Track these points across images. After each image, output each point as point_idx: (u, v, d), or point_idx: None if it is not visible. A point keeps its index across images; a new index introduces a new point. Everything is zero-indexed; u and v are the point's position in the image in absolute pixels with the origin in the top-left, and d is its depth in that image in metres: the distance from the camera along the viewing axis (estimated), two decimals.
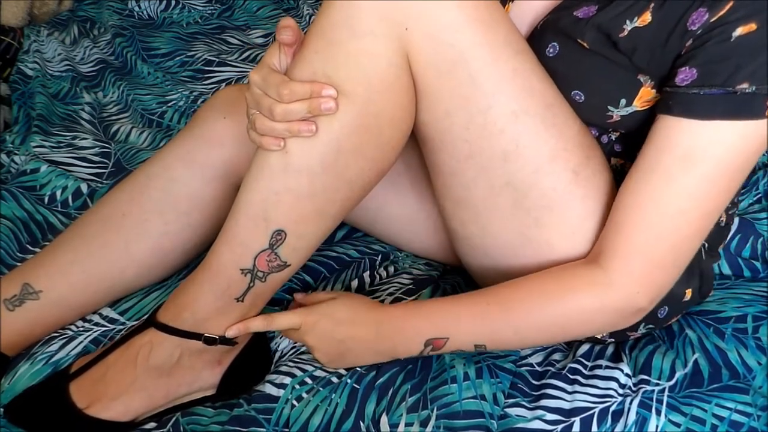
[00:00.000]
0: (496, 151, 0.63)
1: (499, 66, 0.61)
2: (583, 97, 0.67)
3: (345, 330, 0.69)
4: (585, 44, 0.65)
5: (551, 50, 0.67)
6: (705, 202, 0.61)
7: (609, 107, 0.66)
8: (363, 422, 0.67)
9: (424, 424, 0.66)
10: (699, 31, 0.58)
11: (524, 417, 0.67)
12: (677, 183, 0.60)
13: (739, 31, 0.56)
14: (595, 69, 0.65)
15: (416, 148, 0.77)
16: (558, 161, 0.64)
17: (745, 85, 0.56)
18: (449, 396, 0.69)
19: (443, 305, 0.69)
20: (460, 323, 0.67)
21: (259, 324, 0.69)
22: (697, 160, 0.59)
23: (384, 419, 0.67)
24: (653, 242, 0.62)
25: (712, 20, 0.57)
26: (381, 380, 0.70)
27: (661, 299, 0.66)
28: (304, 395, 0.69)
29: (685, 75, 0.59)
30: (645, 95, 0.64)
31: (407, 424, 0.66)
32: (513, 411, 0.68)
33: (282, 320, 0.70)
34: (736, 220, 0.89)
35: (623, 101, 0.65)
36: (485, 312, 0.66)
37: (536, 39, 0.70)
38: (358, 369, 0.71)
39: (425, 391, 0.69)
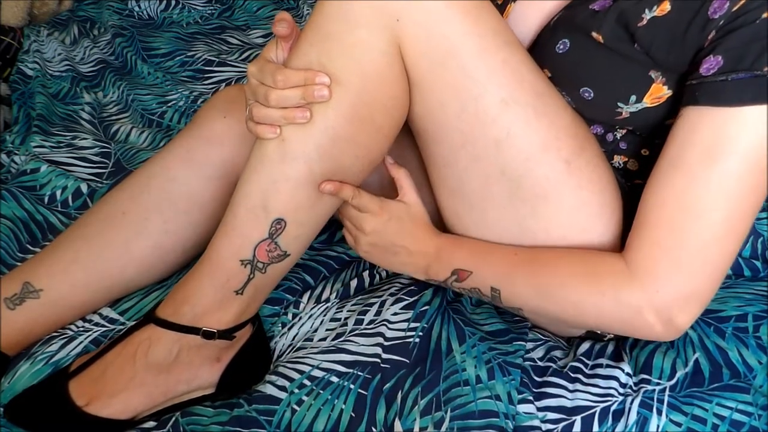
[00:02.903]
0: (489, 140, 0.64)
1: (489, 56, 0.62)
2: (592, 94, 0.67)
3: (405, 241, 0.71)
4: (600, 38, 0.65)
5: (561, 47, 0.68)
6: (732, 201, 0.58)
7: (619, 103, 0.66)
8: (375, 428, 0.67)
9: (438, 425, 0.66)
10: (721, 22, 0.57)
11: (532, 414, 0.67)
12: (701, 179, 0.58)
13: (764, 16, 0.55)
14: (607, 64, 0.65)
15: (414, 147, 0.77)
16: (550, 150, 0.64)
17: None
18: (463, 397, 0.68)
19: (480, 245, 0.70)
20: (487, 262, 0.68)
21: (348, 192, 0.67)
22: (721, 154, 0.57)
23: (397, 424, 0.67)
24: (677, 242, 0.60)
25: (735, 9, 0.56)
26: (388, 385, 0.70)
27: (696, 315, 0.62)
28: (305, 398, 0.69)
29: (710, 64, 0.57)
30: (656, 92, 0.64)
31: (422, 428, 0.66)
32: (521, 408, 0.68)
33: (365, 199, 0.69)
34: None
35: (633, 97, 0.65)
36: (514, 262, 0.67)
37: (547, 36, 0.70)
38: (360, 374, 0.70)
39: (438, 393, 0.69)
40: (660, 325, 0.61)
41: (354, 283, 0.84)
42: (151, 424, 0.68)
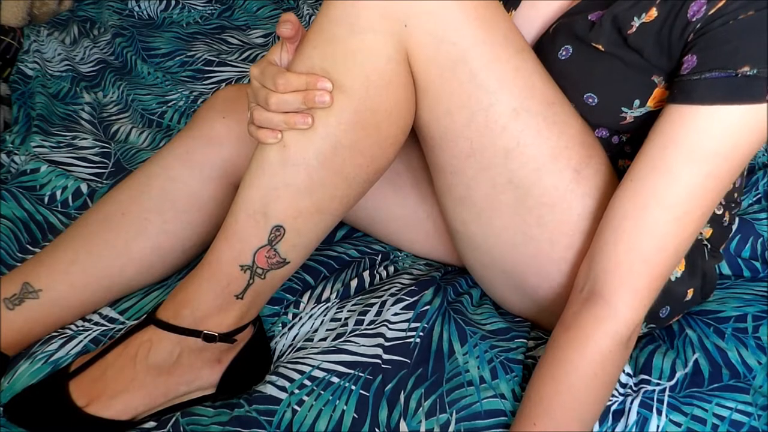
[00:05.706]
0: (498, 149, 0.63)
1: (501, 64, 0.61)
2: (596, 100, 0.66)
3: None
4: (600, 47, 0.64)
5: (564, 53, 0.67)
6: (707, 198, 0.60)
7: (623, 108, 0.66)
8: (378, 429, 0.67)
9: (444, 428, 0.66)
10: (699, 24, 0.58)
11: None
12: (681, 180, 0.59)
13: (740, 17, 0.55)
14: (610, 70, 0.65)
15: (416, 148, 0.77)
16: (560, 159, 0.64)
17: (746, 68, 0.55)
18: (468, 398, 0.68)
19: None
20: None
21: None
22: (700, 154, 0.58)
23: (403, 424, 0.67)
24: (658, 250, 0.60)
25: (711, 12, 0.57)
26: (389, 386, 0.70)
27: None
28: (305, 398, 0.69)
29: (688, 63, 0.59)
30: (659, 95, 0.64)
31: (427, 431, 0.66)
32: None
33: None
34: (737, 220, 0.89)
35: (637, 102, 0.65)
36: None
37: (548, 42, 0.69)
38: (361, 375, 0.70)
39: (441, 394, 0.69)
40: (636, 334, 0.64)
41: (354, 283, 0.84)
42: (151, 424, 0.68)
